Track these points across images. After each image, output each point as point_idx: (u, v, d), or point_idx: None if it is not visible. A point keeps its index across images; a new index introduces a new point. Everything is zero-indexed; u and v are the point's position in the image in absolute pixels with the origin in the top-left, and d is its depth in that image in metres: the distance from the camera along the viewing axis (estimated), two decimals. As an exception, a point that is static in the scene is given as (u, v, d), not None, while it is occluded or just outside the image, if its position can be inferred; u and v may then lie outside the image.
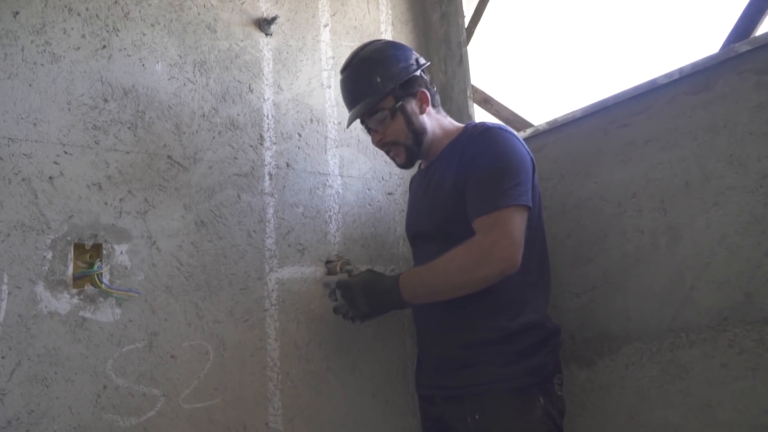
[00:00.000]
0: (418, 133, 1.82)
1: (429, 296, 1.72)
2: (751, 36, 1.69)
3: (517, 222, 1.61)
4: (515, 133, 1.77)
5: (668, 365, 1.72)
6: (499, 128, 1.76)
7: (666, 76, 1.78)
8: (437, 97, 1.91)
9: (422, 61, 1.88)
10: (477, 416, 1.65)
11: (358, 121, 1.90)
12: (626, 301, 1.83)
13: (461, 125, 1.89)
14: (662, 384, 1.73)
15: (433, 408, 1.83)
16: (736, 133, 1.63)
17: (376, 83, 1.79)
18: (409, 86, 1.82)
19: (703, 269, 1.67)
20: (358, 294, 1.78)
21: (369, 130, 1.90)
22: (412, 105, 1.82)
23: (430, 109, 1.85)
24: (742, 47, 1.62)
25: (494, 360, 1.66)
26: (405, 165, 1.90)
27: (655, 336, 1.76)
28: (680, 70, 1.75)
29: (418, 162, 2.02)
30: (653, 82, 1.81)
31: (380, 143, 1.86)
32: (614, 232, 1.87)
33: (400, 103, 1.80)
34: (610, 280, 1.88)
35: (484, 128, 1.76)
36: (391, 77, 1.79)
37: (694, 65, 1.72)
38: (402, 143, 1.83)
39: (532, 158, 1.74)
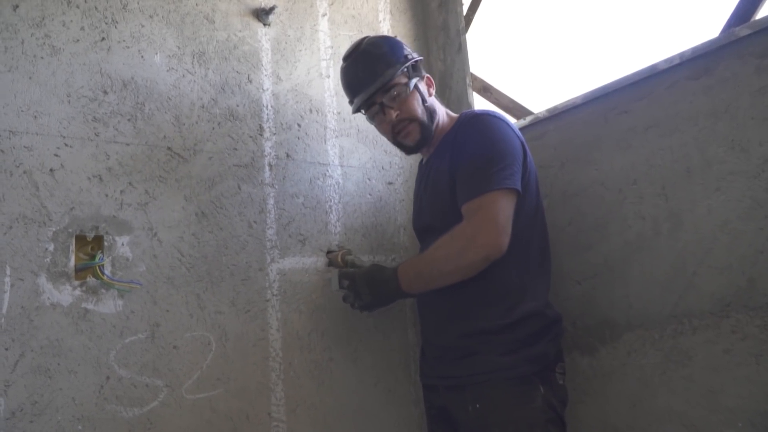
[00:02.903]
0: (431, 111, 1.84)
1: (423, 285, 1.74)
2: (752, 19, 1.68)
3: (502, 205, 1.61)
4: (504, 118, 1.78)
5: (671, 352, 1.72)
6: (486, 114, 1.77)
7: (666, 61, 1.77)
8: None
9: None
10: (477, 405, 1.66)
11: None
12: (628, 287, 1.83)
13: (455, 116, 1.91)
14: (665, 371, 1.73)
15: (436, 397, 1.84)
16: (737, 117, 1.62)
17: (392, 57, 1.81)
18: (417, 69, 1.85)
19: (705, 255, 1.66)
20: (362, 284, 1.80)
21: (382, 108, 1.81)
22: (422, 86, 1.85)
23: (434, 95, 1.88)
24: (743, 31, 1.61)
25: (495, 349, 1.67)
26: (418, 144, 1.85)
27: (657, 322, 1.76)
28: (681, 54, 1.73)
29: (420, 158, 2.03)
30: (653, 67, 1.80)
31: (396, 119, 1.80)
32: (615, 219, 1.87)
33: (414, 80, 1.81)
34: (612, 267, 1.87)
35: (472, 116, 1.80)
36: (404, 54, 1.83)
37: (695, 50, 1.70)
38: (418, 119, 1.81)
39: (523, 143, 1.75)
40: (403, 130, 1.83)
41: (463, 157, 1.70)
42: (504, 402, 1.63)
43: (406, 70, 1.80)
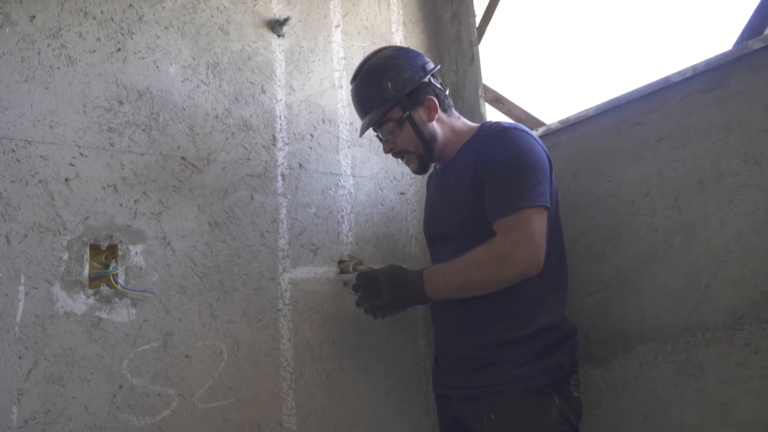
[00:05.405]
0: (427, 141, 1.83)
1: (450, 293, 1.73)
2: (765, 33, 1.68)
3: (537, 223, 1.61)
4: (532, 132, 1.77)
5: (683, 364, 1.71)
6: (516, 128, 1.75)
7: (679, 73, 1.77)
8: (448, 101, 1.90)
9: (430, 66, 1.87)
10: (492, 416, 1.65)
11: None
12: (640, 299, 1.82)
13: (475, 125, 1.89)
14: (678, 383, 1.72)
15: (450, 407, 1.83)
16: (750, 130, 1.61)
17: (383, 93, 1.80)
18: (416, 95, 1.82)
19: (718, 267, 1.66)
20: (384, 283, 1.78)
21: (380, 139, 1.92)
22: (420, 114, 1.82)
23: (440, 114, 1.84)
24: (756, 44, 1.61)
25: (510, 360, 1.66)
26: (418, 172, 1.93)
27: (670, 335, 1.75)
28: (693, 67, 1.74)
29: (433, 164, 2.03)
30: (666, 79, 1.80)
31: (391, 152, 1.89)
32: (628, 231, 1.86)
33: (407, 113, 1.81)
34: (624, 279, 1.87)
35: (500, 128, 1.76)
36: (397, 88, 1.80)
37: (708, 62, 1.71)
38: (413, 152, 1.85)
39: (549, 157, 1.74)
40: (403, 159, 1.91)
41: (493, 171, 1.69)
42: (519, 413, 1.63)
43: (398, 105, 1.80)
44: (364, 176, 2.21)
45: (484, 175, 1.70)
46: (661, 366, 1.76)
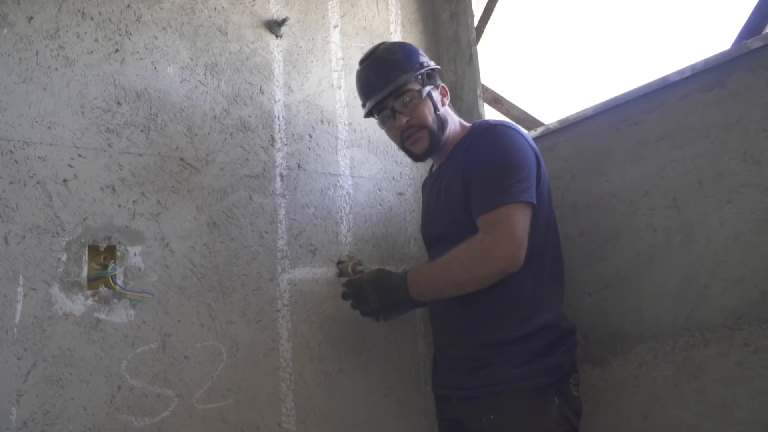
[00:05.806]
0: (442, 120, 1.84)
1: (434, 293, 1.74)
2: (764, 32, 1.68)
3: (519, 219, 1.61)
4: (519, 129, 1.77)
5: (683, 364, 1.71)
6: (502, 125, 1.76)
7: (678, 73, 1.77)
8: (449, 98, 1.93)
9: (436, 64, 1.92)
10: (492, 416, 1.65)
11: (368, 122, 1.91)
12: (639, 299, 1.82)
13: (468, 125, 1.90)
14: (677, 383, 1.72)
15: (449, 408, 1.83)
16: (749, 130, 1.61)
17: (407, 64, 1.81)
18: (432, 78, 1.85)
19: (717, 267, 1.65)
20: (369, 290, 1.79)
21: (393, 113, 1.81)
22: (436, 94, 1.85)
23: (447, 105, 1.88)
24: (755, 43, 1.61)
25: (509, 360, 1.66)
26: (426, 152, 1.85)
27: (669, 335, 1.75)
28: (692, 66, 1.73)
29: (431, 164, 2.03)
30: (665, 79, 1.80)
31: (407, 124, 1.80)
32: (627, 231, 1.86)
33: (427, 88, 1.81)
34: (623, 279, 1.87)
35: (487, 126, 1.78)
36: (420, 62, 1.83)
37: (707, 62, 1.70)
38: (428, 127, 1.81)
39: (537, 154, 1.74)
40: (412, 137, 1.83)
41: (478, 168, 1.69)
42: (519, 413, 1.62)
43: (419, 77, 1.81)
44: (362, 177, 2.21)
45: (471, 173, 1.71)
46: (661, 366, 1.76)
